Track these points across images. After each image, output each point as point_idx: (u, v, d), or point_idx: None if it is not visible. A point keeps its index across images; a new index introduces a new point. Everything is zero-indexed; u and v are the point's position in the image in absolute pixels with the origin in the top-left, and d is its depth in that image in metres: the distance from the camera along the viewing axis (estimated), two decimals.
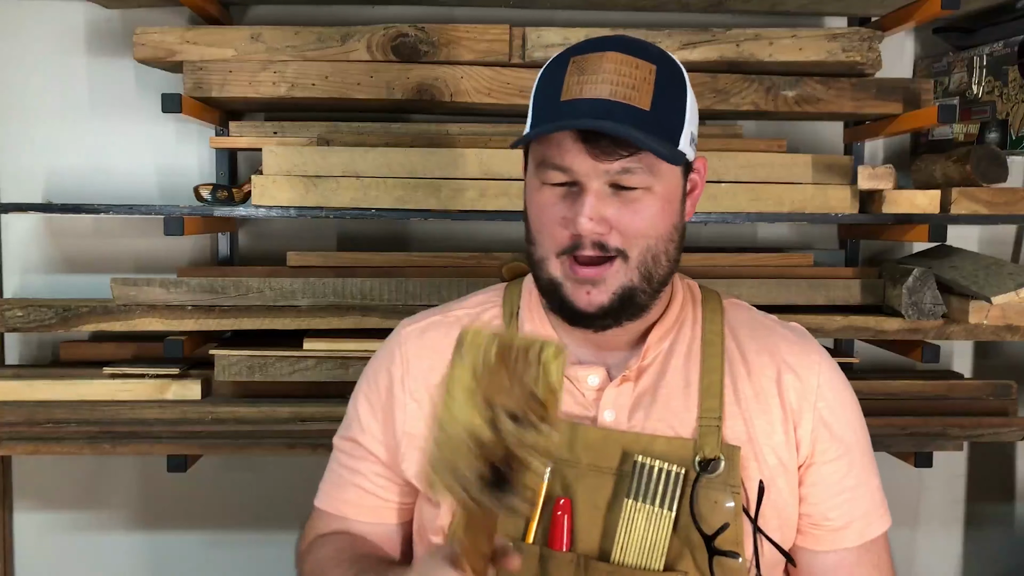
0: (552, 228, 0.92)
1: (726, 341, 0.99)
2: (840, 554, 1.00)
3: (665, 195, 0.92)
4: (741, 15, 1.84)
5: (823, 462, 0.98)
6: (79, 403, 1.58)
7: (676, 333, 1.00)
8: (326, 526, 1.06)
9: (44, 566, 1.90)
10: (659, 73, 0.91)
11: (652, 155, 0.88)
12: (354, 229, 1.87)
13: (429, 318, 1.07)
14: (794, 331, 1.04)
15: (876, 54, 1.63)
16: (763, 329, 1.02)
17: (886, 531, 1.03)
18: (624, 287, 0.92)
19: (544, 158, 0.91)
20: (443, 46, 1.60)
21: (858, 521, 1.00)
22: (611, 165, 0.88)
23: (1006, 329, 1.61)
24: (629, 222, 0.90)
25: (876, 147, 1.95)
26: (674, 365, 0.98)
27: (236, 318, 1.56)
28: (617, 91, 0.88)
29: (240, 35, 1.60)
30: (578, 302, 0.93)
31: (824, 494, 0.98)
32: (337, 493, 1.06)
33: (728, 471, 0.92)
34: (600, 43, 0.92)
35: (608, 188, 0.90)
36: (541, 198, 0.93)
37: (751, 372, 0.98)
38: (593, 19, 1.83)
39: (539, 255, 0.95)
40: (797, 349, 1.00)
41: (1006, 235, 1.98)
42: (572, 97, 0.89)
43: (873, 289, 1.66)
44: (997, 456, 2.05)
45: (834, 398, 0.99)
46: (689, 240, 1.88)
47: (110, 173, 1.82)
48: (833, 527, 0.99)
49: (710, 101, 1.64)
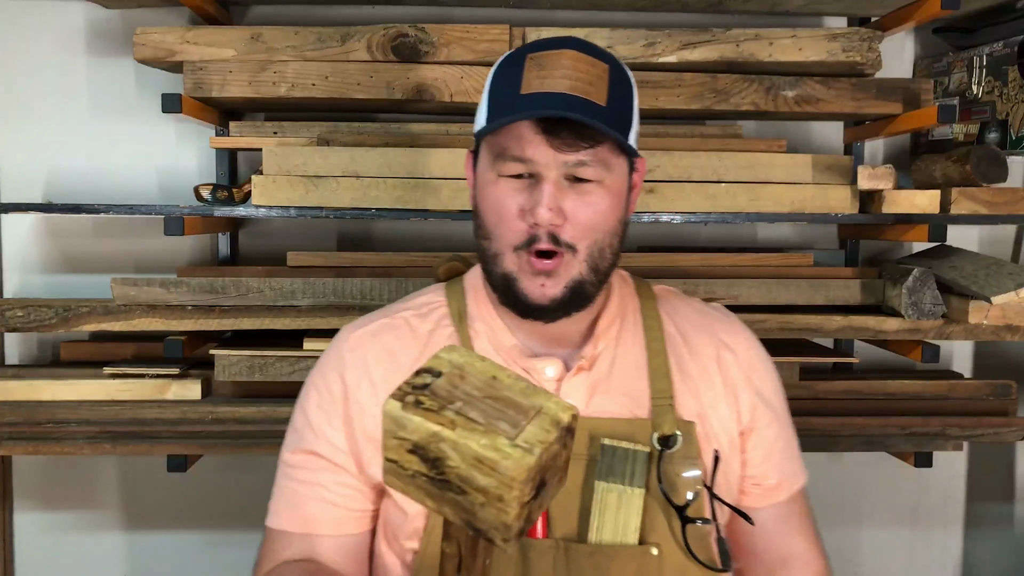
0: (510, 221, 0.94)
1: (665, 325, 1.06)
2: (776, 507, 1.08)
3: (615, 189, 0.96)
4: (741, 15, 1.84)
5: (760, 428, 1.05)
6: (79, 403, 1.58)
7: (621, 321, 1.05)
8: (287, 547, 1.00)
9: (44, 566, 1.90)
10: (612, 72, 0.95)
11: (606, 150, 0.92)
12: (354, 229, 1.88)
13: (376, 321, 1.05)
14: (721, 311, 1.13)
15: (876, 54, 1.63)
16: (695, 312, 1.10)
17: (804, 483, 1.12)
18: (575, 280, 0.95)
19: (503, 150, 0.93)
20: (443, 46, 1.60)
21: (787, 478, 1.09)
22: (570, 156, 0.91)
23: (1006, 329, 1.61)
24: (583, 215, 0.93)
25: (876, 147, 1.95)
26: (623, 351, 1.03)
27: (236, 318, 1.56)
28: (576, 86, 0.91)
29: (240, 35, 1.60)
30: (532, 295, 0.95)
31: (762, 456, 1.06)
32: (297, 510, 1.01)
33: (687, 445, 0.98)
34: (556, 42, 0.95)
35: (564, 181, 0.93)
36: (498, 191, 0.94)
37: (692, 352, 1.05)
38: (593, 19, 1.83)
39: (494, 250, 0.96)
40: (728, 328, 1.09)
41: (1006, 235, 1.98)
42: (532, 91, 0.91)
43: (873, 289, 1.66)
44: (997, 456, 2.05)
45: (763, 369, 1.08)
46: (689, 240, 1.91)
47: (110, 173, 1.82)
48: (770, 485, 1.07)
49: (710, 101, 1.64)
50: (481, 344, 1.01)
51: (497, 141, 0.94)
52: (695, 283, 1.62)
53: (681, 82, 1.64)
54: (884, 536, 2.05)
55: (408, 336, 1.03)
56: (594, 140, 0.91)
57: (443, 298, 1.07)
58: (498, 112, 0.94)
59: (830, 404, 1.71)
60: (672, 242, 1.88)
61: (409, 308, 1.06)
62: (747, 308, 1.64)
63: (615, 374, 1.02)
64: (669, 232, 1.90)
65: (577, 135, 0.90)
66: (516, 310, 0.97)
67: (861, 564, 2.05)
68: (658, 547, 0.94)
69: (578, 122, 0.90)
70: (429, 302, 1.07)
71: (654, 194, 1.60)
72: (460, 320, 1.03)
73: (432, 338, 1.02)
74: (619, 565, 0.94)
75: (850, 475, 2.02)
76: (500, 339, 1.02)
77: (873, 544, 2.05)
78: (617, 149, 0.94)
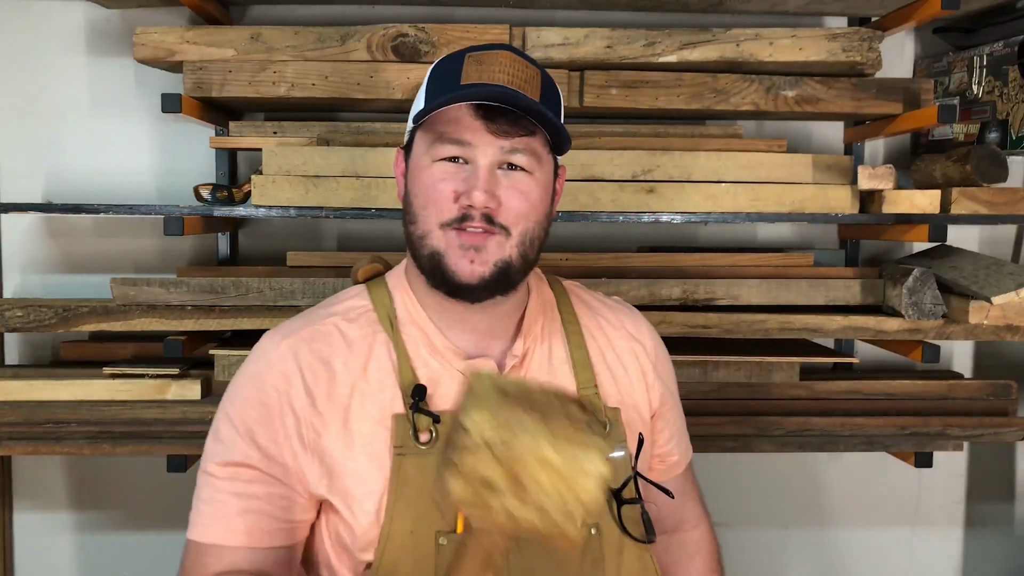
0: (440, 202, 0.96)
1: (580, 318, 1.11)
2: (675, 480, 1.19)
3: (543, 183, 0.99)
4: (741, 15, 1.84)
5: (664, 410, 1.14)
6: (79, 403, 1.58)
7: (543, 316, 1.08)
8: (216, 561, 0.97)
9: (44, 566, 1.90)
10: (543, 77, 1.01)
11: (537, 143, 0.97)
12: (354, 229, 1.88)
13: (303, 328, 1.02)
14: (625, 305, 1.19)
15: (876, 54, 1.63)
16: (603, 306, 1.16)
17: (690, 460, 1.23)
18: (504, 261, 0.96)
19: (440, 134, 0.96)
20: (443, 46, 1.60)
21: (683, 453, 1.21)
22: (505, 142, 0.95)
23: (1006, 329, 1.61)
24: (515, 201, 0.96)
25: (876, 147, 1.95)
26: (548, 345, 1.07)
27: (236, 318, 1.56)
28: (513, 81, 0.96)
29: (240, 35, 1.60)
30: (460, 272, 0.96)
31: (667, 435, 1.16)
32: (227, 523, 0.97)
33: (614, 429, 1.04)
34: (491, 46, 1.01)
35: (497, 168, 0.96)
36: (431, 174, 0.97)
37: (609, 342, 1.11)
38: (592, 19, 1.83)
39: (421, 231, 0.98)
40: (632, 319, 1.16)
41: (1006, 235, 1.98)
42: (472, 81, 0.96)
43: (873, 289, 1.66)
44: (997, 456, 2.05)
45: (664, 356, 1.17)
46: (689, 240, 1.91)
47: (110, 173, 1.82)
48: (672, 461, 1.18)
49: (710, 101, 1.64)
50: (415, 348, 1.01)
51: (434, 127, 0.97)
52: (695, 283, 1.62)
53: (681, 82, 1.64)
54: (884, 536, 2.05)
55: (340, 342, 1.01)
56: (528, 131, 0.95)
57: (368, 301, 1.05)
58: (438, 98, 0.96)
59: (830, 404, 1.71)
60: (672, 242, 1.88)
61: (335, 314, 1.03)
62: (747, 308, 1.64)
63: (544, 368, 1.05)
64: (669, 232, 1.90)
65: (513, 123, 0.94)
66: (444, 288, 0.98)
67: (862, 564, 2.05)
68: (597, 528, 0.99)
69: (513, 112, 0.94)
70: (355, 307, 1.05)
71: (654, 194, 1.60)
72: (391, 325, 1.02)
73: (366, 344, 1.01)
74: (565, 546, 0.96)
75: (850, 475, 2.02)
76: (433, 342, 1.01)
77: (873, 544, 2.05)
78: (547, 146, 0.99)
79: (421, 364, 1.00)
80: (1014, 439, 1.72)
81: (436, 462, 0.94)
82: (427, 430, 0.96)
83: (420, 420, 0.96)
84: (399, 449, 0.95)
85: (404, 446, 0.95)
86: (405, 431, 0.96)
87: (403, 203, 1.02)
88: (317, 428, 0.97)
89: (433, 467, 0.94)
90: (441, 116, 0.96)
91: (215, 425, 1.01)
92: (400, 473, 0.95)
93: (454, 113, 0.95)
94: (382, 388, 0.98)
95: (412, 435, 0.95)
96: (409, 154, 1.02)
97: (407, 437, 0.96)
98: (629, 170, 1.60)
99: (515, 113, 0.94)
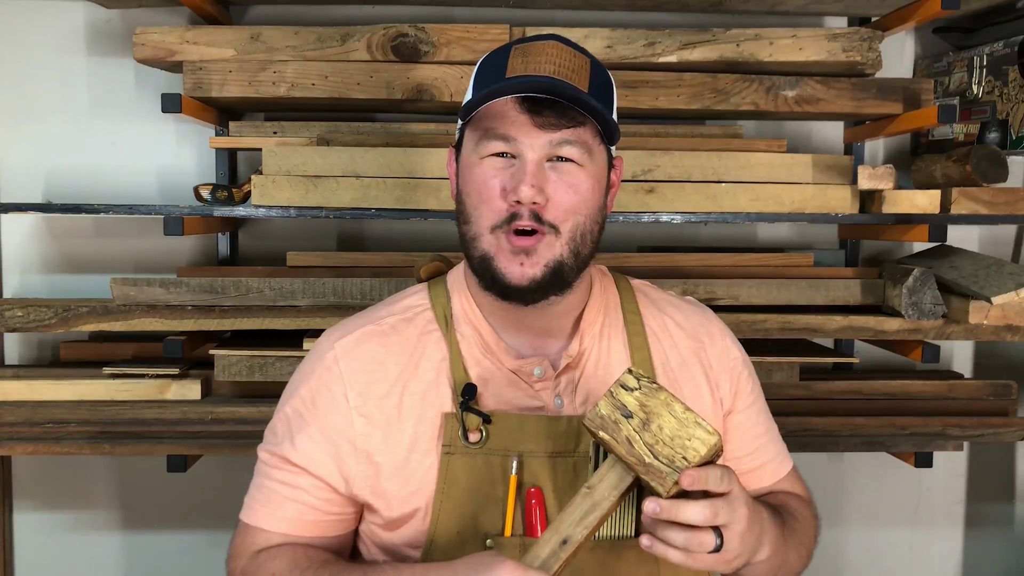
0: (491, 201, 0.94)
1: (645, 319, 1.07)
2: (778, 486, 1.12)
3: (596, 175, 0.96)
4: (741, 15, 1.84)
5: (739, 411, 1.09)
6: (79, 403, 1.58)
7: (604, 315, 1.06)
8: (265, 542, 1.00)
9: (44, 566, 1.90)
10: (593, 66, 0.98)
11: (588, 133, 0.94)
12: (354, 229, 1.88)
13: (360, 328, 1.03)
14: (694, 304, 1.15)
15: (876, 54, 1.63)
16: (672, 306, 1.11)
17: (793, 467, 1.16)
18: (555, 260, 0.94)
19: (486, 130, 0.94)
20: (443, 46, 1.60)
21: (772, 459, 1.12)
22: (553, 135, 0.93)
23: (1006, 329, 1.61)
24: (565, 196, 0.93)
25: (876, 147, 1.95)
26: (606, 346, 1.04)
27: (236, 318, 1.56)
28: (560, 71, 0.93)
29: (240, 35, 1.60)
30: (511, 275, 0.94)
31: (740, 440, 1.09)
32: (273, 510, 1.00)
33: None
34: (539, 37, 0.99)
35: (546, 163, 0.94)
36: (480, 171, 0.95)
37: (674, 344, 1.07)
38: (592, 19, 1.83)
39: (473, 232, 0.96)
40: (704, 319, 1.11)
41: (1006, 235, 1.98)
42: (517, 73, 0.94)
43: (873, 289, 1.66)
44: (997, 456, 2.05)
45: (741, 358, 1.11)
46: (689, 240, 1.91)
47: (110, 173, 1.82)
48: (746, 469, 1.10)
49: (710, 101, 1.64)
50: (468, 348, 1.01)
51: (480, 123, 0.95)
52: (695, 283, 1.62)
53: (681, 82, 1.64)
54: (884, 536, 2.05)
55: (395, 342, 1.01)
56: (576, 121, 0.93)
57: (427, 300, 1.06)
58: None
59: (830, 404, 1.71)
60: (672, 242, 1.88)
61: (394, 313, 1.05)
62: (747, 308, 1.64)
63: (600, 370, 1.02)
64: (669, 232, 1.90)
65: (560, 115, 0.92)
66: (495, 291, 0.97)
67: (862, 564, 2.05)
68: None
69: (560, 103, 0.91)
70: (413, 305, 1.06)
71: (654, 194, 1.60)
72: (446, 324, 1.02)
73: (420, 343, 1.01)
74: (618, 557, 0.95)
75: (850, 475, 2.02)
76: (487, 341, 1.01)
77: (874, 544, 2.05)
78: (598, 137, 0.96)
79: (473, 363, 1.00)
80: (1014, 439, 1.72)
81: (484, 462, 0.95)
82: (476, 429, 0.96)
83: (470, 419, 0.95)
84: (447, 448, 0.95)
85: (453, 445, 0.95)
86: (454, 430, 0.96)
87: (456, 202, 1.01)
88: (366, 428, 0.97)
89: (482, 467, 0.95)
90: (487, 111, 0.94)
91: (274, 416, 1.04)
92: (448, 472, 0.95)
93: (499, 107, 0.93)
94: (433, 387, 0.98)
95: (461, 434, 0.95)
96: (459, 153, 1.01)
97: (456, 436, 0.95)
98: (629, 170, 1.60)
99: (562, 104, 0.92)
